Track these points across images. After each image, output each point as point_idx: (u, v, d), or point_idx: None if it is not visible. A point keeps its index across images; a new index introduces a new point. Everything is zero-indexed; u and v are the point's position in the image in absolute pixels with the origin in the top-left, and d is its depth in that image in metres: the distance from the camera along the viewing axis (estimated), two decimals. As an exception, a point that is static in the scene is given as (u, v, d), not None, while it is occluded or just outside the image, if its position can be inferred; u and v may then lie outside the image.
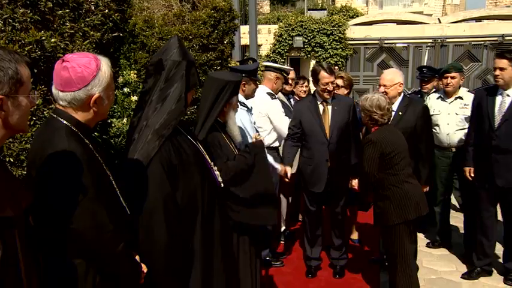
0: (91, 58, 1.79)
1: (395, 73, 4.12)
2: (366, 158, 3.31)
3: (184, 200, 2.11)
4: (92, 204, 1.67)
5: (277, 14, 24.00)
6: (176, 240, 2.03)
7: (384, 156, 3.27)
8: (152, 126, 2.08)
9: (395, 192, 3.30)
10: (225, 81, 2.80)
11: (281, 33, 15.60)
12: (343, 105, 4.04)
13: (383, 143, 3.27)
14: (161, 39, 4.64)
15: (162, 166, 2.02)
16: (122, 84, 4.72)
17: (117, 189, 1.87)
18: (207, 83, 2.90)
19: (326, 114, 4.00)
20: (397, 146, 3.31)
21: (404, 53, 14.82)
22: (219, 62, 5.01)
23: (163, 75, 2.14)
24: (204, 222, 2.20)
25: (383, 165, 3.29)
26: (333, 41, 15.11)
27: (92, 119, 1.84)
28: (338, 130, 3.96)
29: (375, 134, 3.37)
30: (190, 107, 4.71)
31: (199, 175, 2.20)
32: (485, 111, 3.97)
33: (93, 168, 1.71)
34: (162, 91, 2.13)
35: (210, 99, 2.78)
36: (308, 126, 4.00)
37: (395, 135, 3.40)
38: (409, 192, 3.30)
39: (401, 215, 3.28)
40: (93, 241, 1.68)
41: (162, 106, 2.11)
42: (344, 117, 4.00)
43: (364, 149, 3.35)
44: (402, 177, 3.31)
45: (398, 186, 3.29)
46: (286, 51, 15.70)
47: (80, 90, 1.75)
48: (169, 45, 2.21)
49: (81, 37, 2.53)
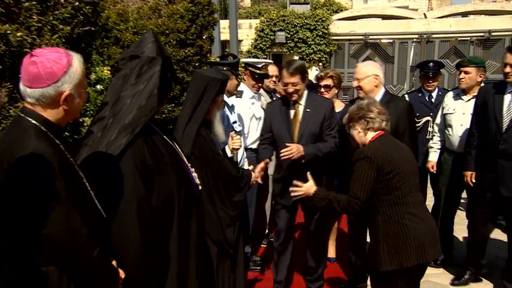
0: (62, 53, 1.77)
1: (368, 64, 3.84)
2: (358, 178, 2.65)
3: (159, 203, 2.09)
4: (65, 207, 1.64)
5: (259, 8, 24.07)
6: (150, 245, 2.02)
7: (380, 176, 2.62)
8: (119, 123, 2.04)
9: (391, 228, 2.62)
10: (210, 78, 2.81)
11: (263, 28, 15.65)
12: (318, 107, 3.68)
13: (381, 158, 2.63)
14: (136, 33, 4.61)
15: (135, 166, 1.99)
16: (95, 81, 4.65)
17: (91, 192, 1.85)
18: (193, 80, 2.93)
19: (296, 118, 3.70)
20: (400, 164, 2.65)
21: (389, 49, 15.03)
22: (198, 58, 5.00)
23: (135, 71, 2.11)
24: (181, 227, 2.18)
25: (377, 188, 2.64)
26: (317, 36, 15.23)
27: (62, 118, 1.81)
28: (309, 136, 3.63)
29: (371, 147, 2.72)
30: (168, 106, 4.68)
31: (176, 176, 2.18)
32: (491, 111, 3.68)
33: (64, 170, 1.68)
34: (132, 87, 2.10)
35: (195, 97, 2.80)
36: (277, 131, 3.73)
37: (399, 150, 2.77)
38: (411, 230, 2.60)
39: (395, 259, 2.60)
40: (67, 247, 1.66)
41: (131, 102, 2.08)
42: (317, 122, 3.65)
43: (355, 166, 2.69)
44: (403, 207, 2.63)
45: (396, 220, 2.62)
46: (268, 46, 15.75)
47: (49, 87, 1.72)
48: (143, 40, 2.19)
49: (49, 31, 2.50)
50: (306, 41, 15.25)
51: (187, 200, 2.24)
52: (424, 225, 2.65)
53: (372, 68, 3.72)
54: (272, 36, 15.52)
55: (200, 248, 2.34)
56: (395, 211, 2.62)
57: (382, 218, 2.65)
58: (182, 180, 2.23)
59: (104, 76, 4.67)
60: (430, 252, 2.64)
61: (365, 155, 2.65)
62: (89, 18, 2.81)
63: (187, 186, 2.27)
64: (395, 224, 2.61)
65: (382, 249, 2.64)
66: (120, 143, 1.99)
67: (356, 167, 2.68)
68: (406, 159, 2.73)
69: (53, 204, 1.61)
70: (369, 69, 3.71)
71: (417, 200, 2.72)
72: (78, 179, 1.80)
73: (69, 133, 2.87)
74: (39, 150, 1.64)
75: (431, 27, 14.56)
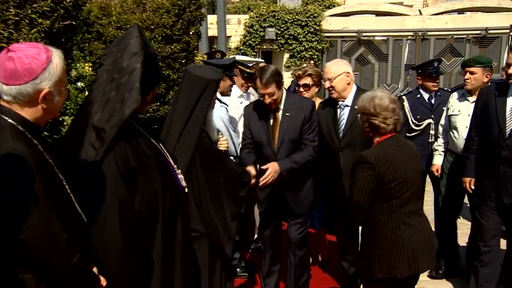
0: (41, 49, 1.76)
1: (337, 63, 3.80)
2: (357, 183, 2.63)
3: (142, 205, 2.09)
4: (43, 211, 1.63)
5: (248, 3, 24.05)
6: (133, 250, 2.01)
7: (381, 184, 2.58)
8: (104, 119, 2.03)
9: (385, 237, 2.62)
10: (208, 80, 2.80)
11: (252, 23, 15.66)
12: (298, 110, 3.58)
13: (384, 165, 2.57)
14: (119, 28, 4.59)
15: (117, 168, 1.99)
16: (76, 78, 4.64)
17: (71, 195, 1.84)
18: (186, 79, 2.88)
19: (276, 123, 3.60)
20: (403, 171, 2.60)
21: (383, 46, 15.13)
22: (184, 55, 4.99)
23: (118, 66, 2.10)
24: (165, 230, 2.18)
25: (377, 195, 2.61)
26: (308, 33, 15.28)
27: (41, 117, 1.80)
28: (289, 142, 3.56)
29: (373, 151, 2.64)
30: (153, 104, 4.66)
31: (160, 178, 2.18)
32: (493, 114, 3.57)
33: (43, 172, 1.67)
34: (113, 82, 2.09)
35: (191, 99, 2.76)
36: (256, 137, 3.65)
37: (405, 154, 2.67)
38: (404, 239, 2.60)
39: (386, 268, 2.61)
40: (45, 253, 1.65)
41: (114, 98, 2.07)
42: (297, 126, 3.57)
43: (355, 171, 2.66)
44: (400, 216, 2.61)
45: (391, 229, 2.62)
46: (258, 43, 15.76)
47: (27, 84, 1.71)
48: (127, 34, 2.19)
49: (27, 25, 2.48)
50: (297, 37, 15.30)
51: (172, 202, 2.24)
52: (419, 235, 2.64)
53: (341, 66, 3.70)
54: (262, 33, 15.54)
55: (186, 251, 2.34)
56: (391, 220, 2.61)
57: (376, 226, 2.64)
58: (167, 182, 2.23)
59: (85, 73, 4.66)
60: (424, 262, 2.64)
61: (366, 160, 2.59)
62: (69, 12, 2.79)
63: (173, 188, 2.27)
64: (389, 233, 2.61)
65: (374, 257, 2.65)
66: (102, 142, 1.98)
67: (356, 172, 2.64)
68: (412, 163, 2.67)
69: (30, 207, 1.60)
70: (339, 67, 3.68)
71: (415, 208, 2.69)
72: (58, 181, 1.79)
73: (48, 133, 2.84)
74: (16, 150, 1.62)
75: (426, 25, 14.69)
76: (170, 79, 4.88)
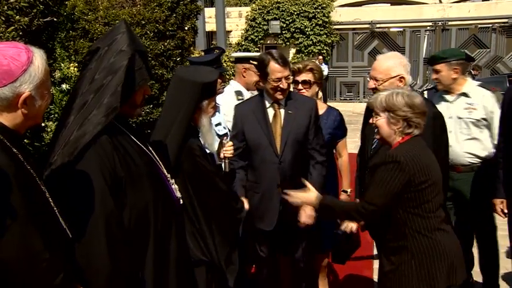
0: (21, 49, 1.76)
1: (392, 58, 3.31)
2: (380, 183, 2.55)
3: (132, 219, 2.08)
4: (23, 228, 1.63)
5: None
6: (122, 270, 2.00)
7: (411, 186, 2.51)
8: (78, 124, 2.03)
9: (422, 244, 2.55)
10: (191, 82, 2.79)
11: (254, 16, 15.72)
12: (302, 108, 3.46)
13: (415, 166, 2.51)
14: (107, 24, 4.62)
15: (103, 178, 1.99)
16: (60, 79, 4.64)
17: (55, 208, 1.84)
18: (172, 81, 2.90)
19: (277, 122, 3.46)
20: (433, 172, 2.57)
21: (399, 38, 15.16)
22: (179, 52, 5.01)
23: (102, 65, 2.11)
24: (157, 247, 2.17)
25: (406, 200, 2.54)
26: (316, 25, 15.32)
27: (21, 123, 1.80)
28: (294, 144, 3.41)
29: (401, 150, 2.57)
30: (145, 107, 4.68)
31: (152, 189, 2.17)
32: None
33: (23, 184, 1.67)
34: (94, 83, 2.10)
35: (176, 104, 2.76)
36: (253, 138, 3.46)
37: (429, 156, 2.65)
38: (443, 246, 2.56)
39: (426, 280, 2.53)
40: (25, 273, 1.64)
41: (92, 100, 2.08)
42: (302, 126, 3.44)
43: (378, 171, 2.59)
44: (434, 221, 2.57)
45: (427, 236, 2.55)
46: (261, 38, 15.83)
47: (5, 87, 1.71)
48: (112, 30, 2.20)
49: (3, 23, 2.49)
50: (304, 31, 15.34)
51: (166, 216, 2.23)
52: (455, 242, 2.63)
53: (397, 66, 3.22)
54: (265, 26, 15.61)
55: (181, 269, 2.33)
56: (426, 225, 2.55)
57: (408, 235, 2.56)
58: (159, 193, 2.23)
59: (70, 73, 4.66)
60: (460, 273, 2.60)
61: (395, 159, 2.51)
62: (50, 8, 2.81)
63: (166, 200, 2.27)
64: (426, 239, 2.54)
65: (410, 270, 2.56)
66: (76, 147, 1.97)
67: (380, 172, 2.56)
68: (436, 166, 2.64)
69: (7, 223, 1.60)
70: (394, 67, 3.21)
71: (444, 215, 2.65)
72: (40, 194, 1.79)
73: (29, 140, 2.85)
74: (-7, 161, 1.63)
75: (447, 14, 14.69)
76: (164, 79, 4.89)
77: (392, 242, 2.65)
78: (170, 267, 2.25)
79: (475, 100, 3.86)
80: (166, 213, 2.24)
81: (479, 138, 3.84)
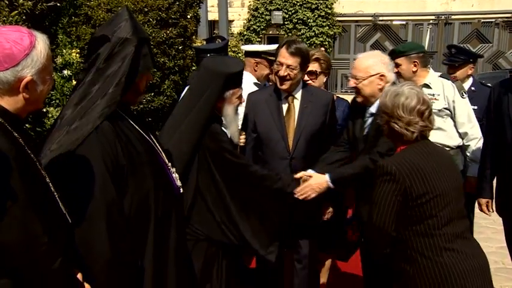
0: (24, 33, 1.76)
1: (373, 57, 3.18)
2: (377, 201, 2.34)
3: (133, 207, 2.08)
4: (22, 210, 1.63)
5: (252, -16, 24.08)
6: (122, 257, 2.01)
7: (408, 199, 2.28)
8: (81, 114, 2.04)
9: (425, 268, 2.28)
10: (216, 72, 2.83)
11: (257, 6, 15.66)
12: (318, 102, 3.32)
13: (410, 176, 2.28)
14: (109, 11, 4.60)
15: (105, 165, 1.99)
16: (61, 65, 4.65)
17: (55, 193, 1.85)
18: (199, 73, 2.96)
19: (291, 115, 3.31)
20: (438, 182, 2.31)
21: (402, 31, 15.12)
22: (181, 40, 5.00)
23: (105, 53, 2.10)
24: (158, 235, 2.18)
25: (406, 215, 2.31)
26: (318, 17, 15.27)
27: (22, 107, 1.80)
28: (307, 140, 3.26)
29: (395, 160, 2.37)
30: (146, 95, 4.67)
31: (153, 178, 2.17)
32: (506, 115, 3.32)
33: (24, 168, 1.68)
34: (99, 72, 2.10)
35: (198, 93, 2.82)
36: (264, 130, 3.31)
37: (437, 163, 2.38)
38: (451, 269, 2.26)
39: None
40: (24, 256, 1.65)
41: (97, 90, 2.08)
42: (317, 122, 3.29)
43: (374, 185, 2.38)
44: (441, 240, 2.28)
45: (431, 258, 2.27)
46: (263, 28, 15.77)
47: (7, 71, 1.71)
48: (115, 18, 2.19)
49: (7, 6, 2.48)
50: (306, 22, 15.29)
51: (166, 204, 2.24)
52: (470, 262, 2.29)
53: (377, 64, 3.10)
54: (267, 16, 15.56)
55: (180, 257, 2.34)
56: (430, 245, 2.29)
57: (412, 255, 2.32)
58: (160, 181, 2.23)
59: (72, 60, 4.66)
60: None
61: (387, 170, 2.30)
62: (54, -8, 2.80)
63: (166, 188, 2.27)
64: (429, 262, 2.27)
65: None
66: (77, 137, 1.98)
67: (374, 188, 2.37)
68: (448, 174, 2.38)
69: (7, 206, 1.60)
70: (374, 65, 3.10)
71: (460, 230, 2.34)
72: (40, 178, 1.79)
73: (30, 125, 2.86)
74: (-6, 144, 1.63)
75: (450, 7, 14.64)
76: (166, 67, 4.89)
77: (395, 266, 2.43)
78: (169, 255, 2.25)
79: (436, 91, 3.87)
80: (167, 202, 2.24)
81: (443, 128, 3.84)
